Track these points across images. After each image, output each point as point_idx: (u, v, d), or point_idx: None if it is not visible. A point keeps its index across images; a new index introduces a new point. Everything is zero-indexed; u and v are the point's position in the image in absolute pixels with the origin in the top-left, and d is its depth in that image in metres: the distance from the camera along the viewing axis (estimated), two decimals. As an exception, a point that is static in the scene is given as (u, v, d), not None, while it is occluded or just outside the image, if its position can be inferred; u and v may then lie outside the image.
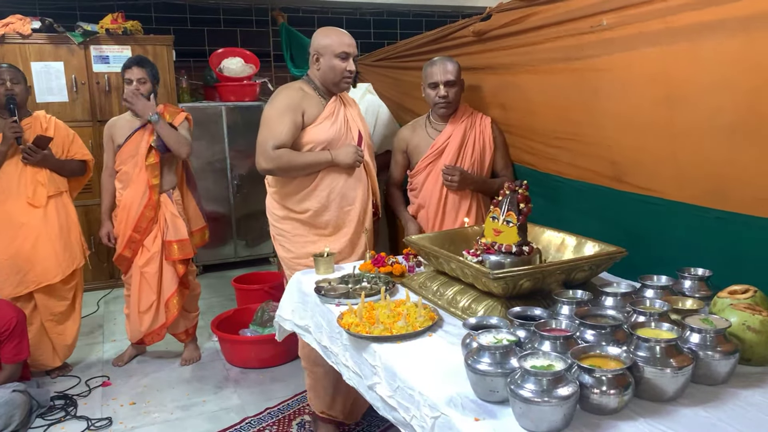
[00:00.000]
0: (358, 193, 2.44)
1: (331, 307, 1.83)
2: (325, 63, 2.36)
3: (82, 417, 2.82)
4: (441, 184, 2.54)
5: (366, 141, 2.51)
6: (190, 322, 3.42)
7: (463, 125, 2.57)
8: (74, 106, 4.62)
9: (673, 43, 1.73)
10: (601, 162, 2.12)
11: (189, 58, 5.42)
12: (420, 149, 2.63)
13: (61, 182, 3.23)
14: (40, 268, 3.09)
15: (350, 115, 2.47)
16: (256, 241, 5.46)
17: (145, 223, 3.16)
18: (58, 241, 3.14)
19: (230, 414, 2.85)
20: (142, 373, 3.30)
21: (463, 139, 2.55)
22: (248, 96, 5.22)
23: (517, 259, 1.71)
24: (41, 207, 3.11)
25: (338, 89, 2.43)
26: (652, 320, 1.32)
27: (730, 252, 1.71)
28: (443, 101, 2.52)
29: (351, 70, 2.36)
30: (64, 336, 3.23)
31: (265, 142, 2.33)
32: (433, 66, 2.53)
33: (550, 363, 1.13)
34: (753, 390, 1.22)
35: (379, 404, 1.50)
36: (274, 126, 2.33)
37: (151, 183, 3.12)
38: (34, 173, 3.09)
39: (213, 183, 5.15)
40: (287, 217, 2.45)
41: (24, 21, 4.43)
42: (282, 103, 2.35)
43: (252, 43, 5.67)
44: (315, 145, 2.36)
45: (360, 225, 2.45)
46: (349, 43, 2.36)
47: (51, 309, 3.17)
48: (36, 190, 3.09)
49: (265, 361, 3.29)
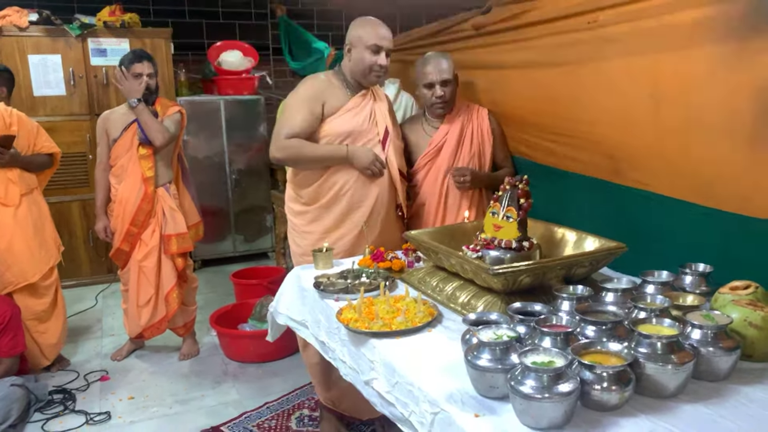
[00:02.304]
0: (372, 191, 2.34)
1: (330, 302, 1.82)
2: (356, 55, 2.29)
3: (81, 411, 2.81)
4: (441, 181, 2.51)
5: (393, 139, 2.41)
6: (188, 316, 3.42)
7: (460, 121, 2.53)
8: (72, 100, 4.60)
9: (664, 41, 1.74)
10: (599, 156, 2.12)
11: (187, 51, 5.39)
12: (418, 147, 2.59)
13: (31, 179, 3.14)
14: (16, 268, 3.01)
15: (379, 110, 2.38)
16: (254, 235, 5.45)
17: (143, 216, 3.14)
18: (33, 240, 3.07)
19: (229, 408, 2.85)
20: (140, 368, 3.30)
21: (460, 135, 2.53)
22: (247, 89, 5.20)
23: (517, 255, 1.70)
24: (13, 206, 3.01)
25: (367, 82, 2.35)
26: (653, 316, 1.32)
27: (720, 249, 1.71)
28: (440, 101, 2.47)
29: (382, 65, 2.28)
30: (47, 335, 3.15)
31: (279, 130, 2.30)
32: (427, 65, 2.46)
33: (551, 359, 1.12)
34: (754, 386, 1.21)
35: (376, 400, 1.49)
36: (290, 115, 2.30)
37: (145, 175, 3.10)
38: (3, 172, 2.98)
39: (211, 177, 5.14)
40: (299, 211, 2.41)
41: (21, 13, 4.40)
42: (303, 93, 2.32)
43: (251, 36, 5.64)
44: (333, 138, 2.30)
45: (367, 224, 2.36)
46: (383, 36, 2.28)
47: (31, 308, 3.08)
48: (8, 189, 3.00)
49: (264, 355, 3.29)
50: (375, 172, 2.30)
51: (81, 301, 4.39)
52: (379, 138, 2.36)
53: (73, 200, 4.70)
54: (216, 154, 5.15)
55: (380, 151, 2.35)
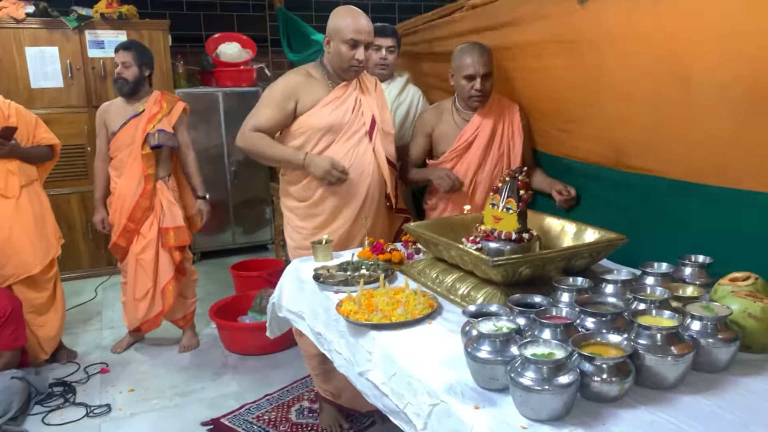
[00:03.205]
0: (361, 184, 2.31)
1: (329, 294, 1.82)
2: (334, 48, 2.24)
3: (81, 404, 2.82)
4: (470, 178, 2.42)
5: (381, 128, 2.36)
6: (187, 308, 3.42)
7: (493, 116, 2.41)
8: (69, 92, 4.58)
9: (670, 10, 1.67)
10: (603, 143, 2.09)
11: (185, 43, 5.36)
12: (447, 138, 2.47)
13: (32, 171, 3.12)
14: (17, 260, 2.99)
15: (366, 102, 2.32)
16: (253, 227, 5.45)
17: (140, 212, 3.13)
18: (33, 232, 3.04)
19: (229, 401, 2.86)
20: (140, 360, 3.31)
21: (492, 132, 2.41)
22: (245, 81, 5.18)
23: (516, 246, 1.69)
24: (14, 198, 2.99)
25: (347, 76, 2.29)
26: (652, 308, 1.32)
27: (731, 230, 1.69)
28: (479, 94, 2.35)
29: (360, 59, 2.21)
30: (46, 328, 3.13)
31: (247, 120, 2.30)
32: (467, 56, 2.32)
33: (551, 351, 1.12)
34: (753, 377, 1.22)
35: (369, 391, 1.49)
36: (260, 107, 2.30)
37: (146, 172, 3.09)
38: (3, 163, 2.95)
39: (210, 169, 5.12)
40: (292, 207, 2.40)
41: (18, 5, 4.38)
42: (278, 88, 2.30)
43: (249, 28, 5.61)
44: (313, 132, 2.26)
45: (359, 217, 2.34)
46: (360, 30, 2.19)
47: (31, 301, 3.06)
48: (8, 180, 2.97)
49: (264, 347, 3.29)
50: (332, 181, 2.21)
51: (80, 293, 4.39)
52: (366, 129, 2.32)
53: (72, 192, 4.70)
54: (215, 146, 5.14)
55: (367, 143, 2.32)
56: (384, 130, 2.40)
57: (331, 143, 2.28)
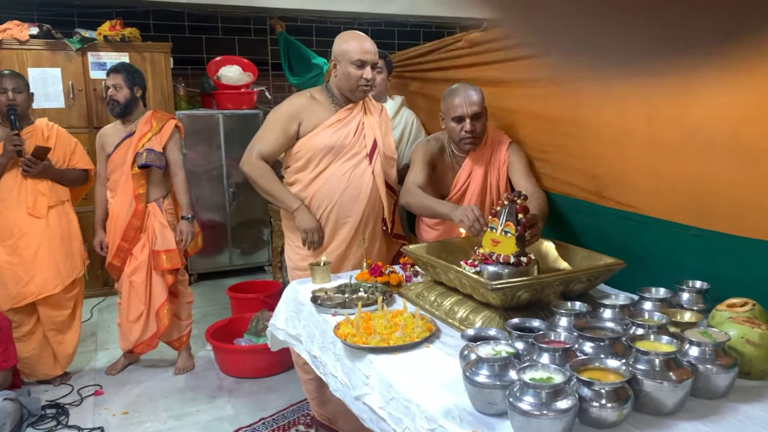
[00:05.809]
0: (357, 206, 2.34)
1: (326, 316, 1.82)
2: (341, 70, 2.30)
3: (74, 426, 2.78)
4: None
5: (382, 151, 2.39)
6: (182, 330, 3.39)
7: (483, 160, 2.36)
8: (71, 113, 4.61)
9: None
10: (584, 176, 2.13)
11: (187, 66, 5.42)
12: (444, 178, 2.43)
13: (63, 191, 3.19)
14: (40, 278, 3.05)
15: (368, 123, 2.37)
16: (251, 249, 5.44)
17: (132, 232, 3.15)
18: (59, 251, 3.12)
19: (224, 424, 2.82)
20: (135, 382, 3.27)
21: (485, 176, 2.36)
22: (246, 104, 5.22)
23: (515, 270, 1.70)
24: (42, 217, 3.07)
25: (355, 97, 2.34)
26: (651, 333, 1.32)
27: (708, 271, 1.70)
28: (470, 136, 2.27)
29: (367, 78, 2.28)
30: (64, 345, 3.21)
31: (253, 145, 2.35)
32: (455, 96, 2.26)
33: (549, 375, 1.12)
34: (752, 404, 1.21)
35: (366, 416, 1.48)
36: (267, 131, 2.34)
37: (137, 192, 3.11)
38: (34, 183, 3.05)
39: (209, 191, 5.14)
40: (292, 227, 2.42)
41: (22, 27, 4.43)
42: (281, 111, 2.34)
43: (250, 52, 5.67)
44: (314, 153, 2.30)
45: (354, 239, 2.38)
46: (366, 50, 2.27)
47: (53, 319, 3.15)
48: (36, 200, 3.06)
49: (260, 370, 3.26)
50: (310, 240, 2.32)
51: (76, 314, 4.35)
52: (367, 151, 2.36)
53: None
54: (214, 167, 5.16)
55: (367, 165, 2.36)
56: (386, 154, 2.44)
57: (331, 164, 2.33)
